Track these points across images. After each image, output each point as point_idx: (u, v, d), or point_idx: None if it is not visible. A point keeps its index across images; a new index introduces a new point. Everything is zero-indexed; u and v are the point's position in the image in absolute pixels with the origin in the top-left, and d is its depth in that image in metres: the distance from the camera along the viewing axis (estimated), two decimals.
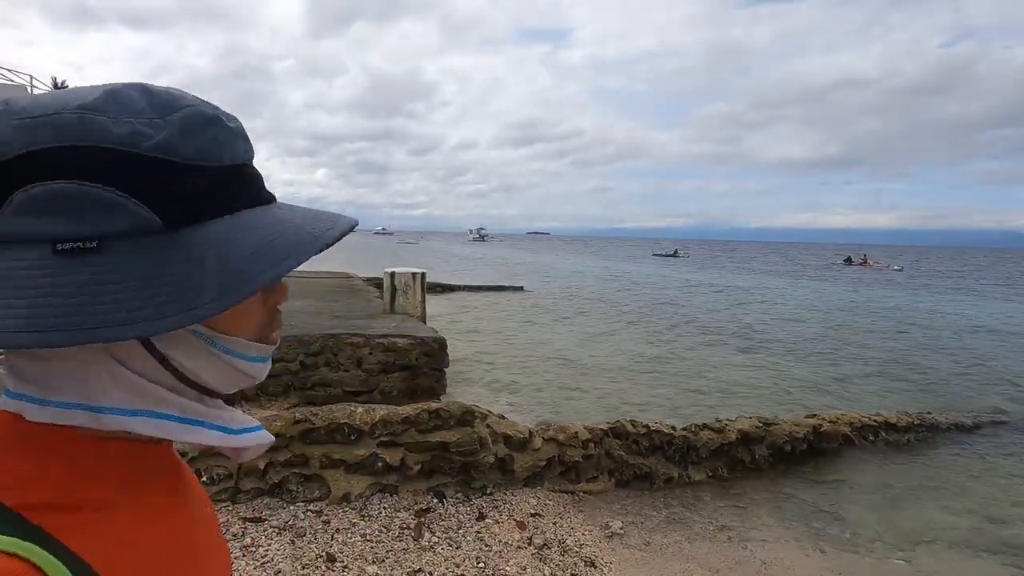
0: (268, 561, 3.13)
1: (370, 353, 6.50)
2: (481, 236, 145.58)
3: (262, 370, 0.47)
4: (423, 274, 8.58)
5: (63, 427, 0.41)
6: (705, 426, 5.48)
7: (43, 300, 0.35)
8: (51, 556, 0.36)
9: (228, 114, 0.44)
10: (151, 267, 0.37)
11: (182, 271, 0.38)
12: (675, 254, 71.45)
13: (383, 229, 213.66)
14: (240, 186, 0.42)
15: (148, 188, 0.38)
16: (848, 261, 58.16)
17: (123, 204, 0.37)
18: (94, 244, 0.37)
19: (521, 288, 24.25)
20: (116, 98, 0.39)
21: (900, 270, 52.51)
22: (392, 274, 8.40)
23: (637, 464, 4.94)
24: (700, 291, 27.01)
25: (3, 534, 0.36)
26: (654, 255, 74.00)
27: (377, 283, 13.80)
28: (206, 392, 0.44)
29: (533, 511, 4.14)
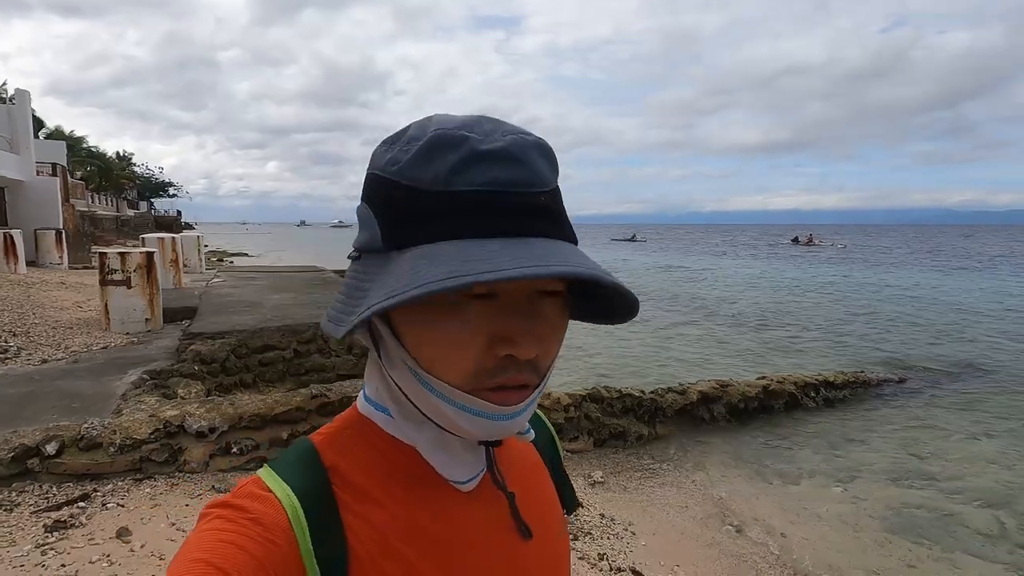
0: None
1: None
2: None
3: (477, 425, 0.43)
4: None
5: (369, 419, 0.50)
6: (670, 389, 6.15)
7: (338, 299, 0.45)
8: (306, 523, 0.43)
9: (496, 133, 0.42)
10: (361, 278, 0.43)
11: (365, 292, 0.42)
12: (633, 238, 73.02)
13: (340, 222, 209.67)
14: (457, 215, 0.40)
15: (385, 208, 0.43)
16: (795, 241, 60.90)
17: (371, 221, 0.43)
18: (357, 255, 0.45)
19: None
20: (409, 127, 0.44)
21: (844, 247, 55.37)
22: None
23: (612, 424, 5.56)
24: (655, 272, 28.10)
25: (289, 479, 0.44)
26: (612, 240, 75.50)
27: (345, 274, 14.05)
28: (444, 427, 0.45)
29: None
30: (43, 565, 2.80)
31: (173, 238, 10.91)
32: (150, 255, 7.46)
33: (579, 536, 3.73)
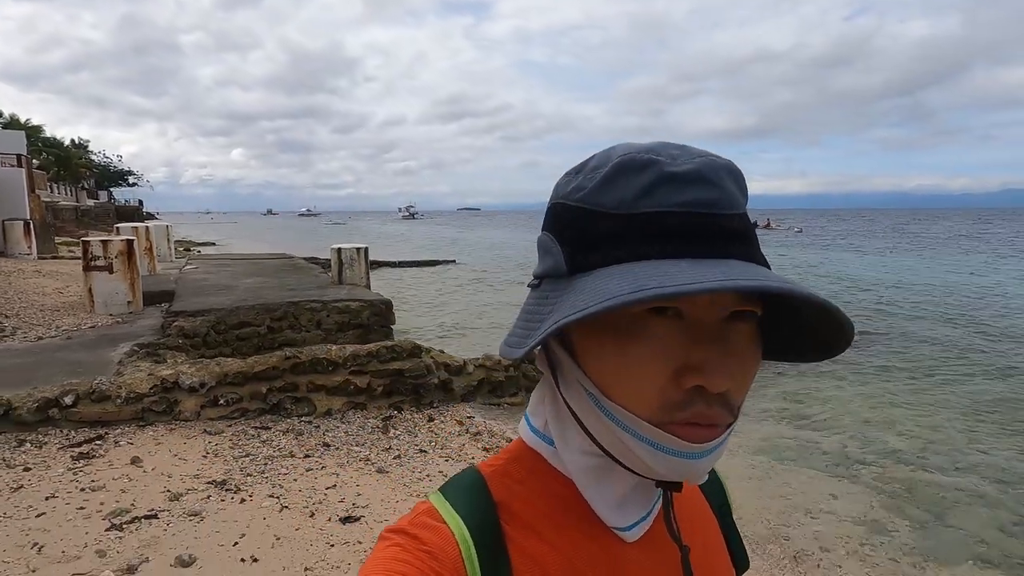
0: (281, 448, 4.41)
1: (327, 316, 7.69)
2: (411, 214, 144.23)
3: (661, 462, 0.39)
4: (366, 248, 9.76)
5: (537, 452, 0.48)
6: None
7: (517, 324, 0.44)
8: (477, 559, 0.42)
9: (683, 156, 0.40)
10: (541, 303, 0.42)
11: (547, 315, 0.40)
12: None
13: (308, 210, 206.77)
14: (644, 237, 0.38)
15: (567, 234, 0.42)
16: (754, 225, 63.16)
17: (553, 248, 0.43)
18: (538, 282, 0.45)
19: (453, 262, 25.53)
20: (592, 158, 0.44)
21: (800, 231, 57.68)
22: (339, 249, 9.53)
23: None
24: None
25: (460, 511, 0.44)
26: None
27: (315, 262, 14.73)
28: (624, 466, 0.42)
29: (469, 415, 5.61)
30: (76, 481, 3.60)
31: (147, 227, 11.43)
32: (130, 242, 8.09)
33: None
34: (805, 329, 0.42)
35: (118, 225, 11.44)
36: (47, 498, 3.38)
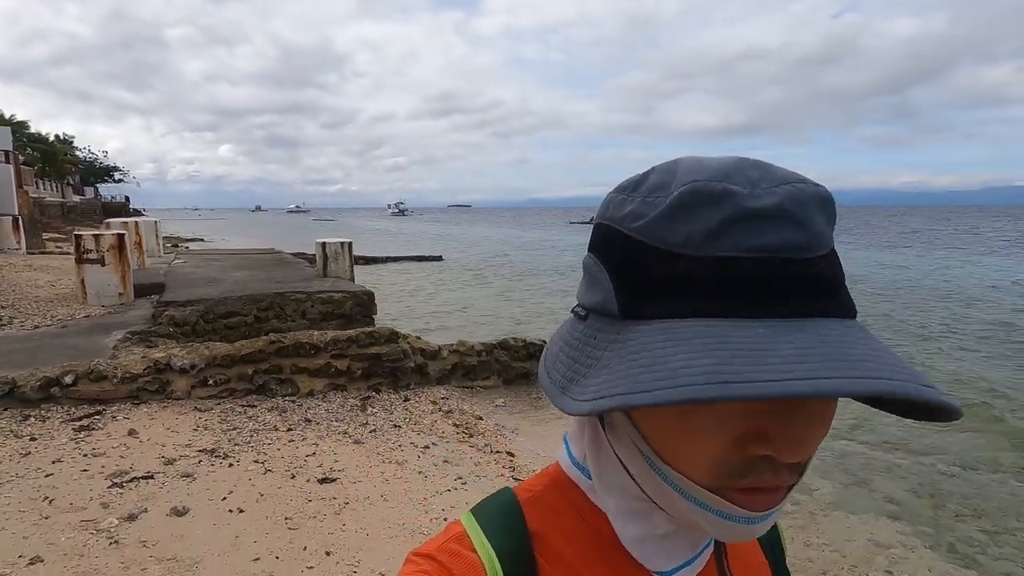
0: (265, 423, 4.81)
1: (312, 306, 8.08)
2: (401, 211, 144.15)
3: (715, 525, 0.36)
4: (350, 243, 10.14)
5: (575, 483, 0.45)
6: None
7: (558, 357, 0.40)
8: (502, 573, 0.40)
9: (763, 183, 0.34)
10: (591, 344, 0.37)
11: (596, 360, 0.36)
12: (590, 222, 75.00)
13: (297, 207, 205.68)
14: (716, 287, 0.33)
15: (622, 269, 0.36)
16: None
17: (603, 281, 0.38)
18: (584, 313, 0.40)
19: (440, 258, 25.91)
20: (651, 174, 0.38)
21: None
22: (324, 244, 9.90)
23: (518, 367, 6.94)
24: None
25: (492, 538, 0.42)
26: (570, 223, 77.51)
27: (302, 257, 15.07)
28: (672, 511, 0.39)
29: (443, 396, 6.03)
30: (78, 448, 3.99)
31: (136, 223, 11.72)
32: (121, 236, 8.42)
33: (474, 435, 5.08)
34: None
35: (108, 220, 11.72)
36: (53, 462, 3.77)
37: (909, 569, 3.56)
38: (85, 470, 3.69)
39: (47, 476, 3.58)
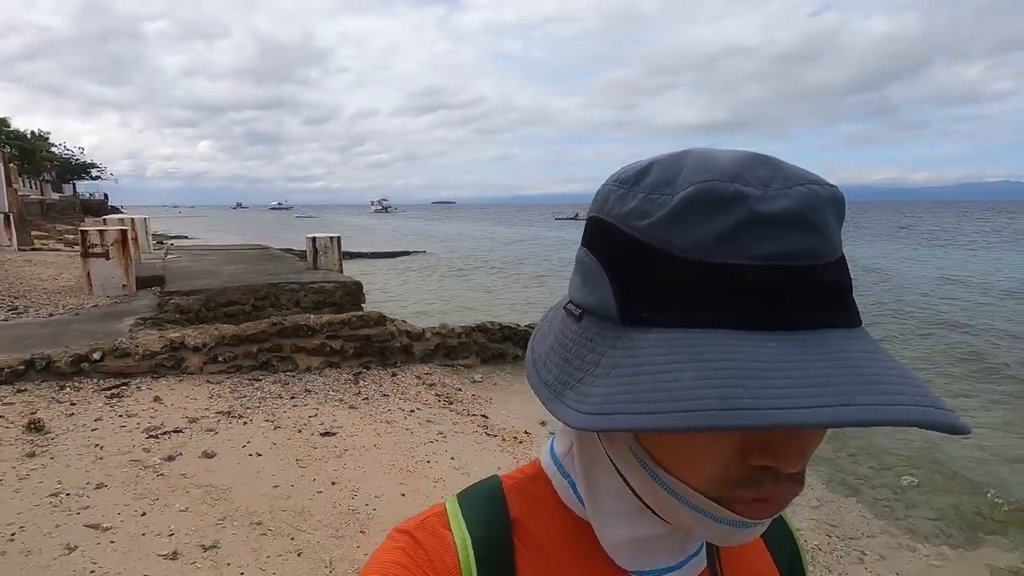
0: (271, 392, 5.52)
1: (304, 295, 8.75)
2: (384, 207, 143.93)
3: (711, 530, 0.35)
4: (339, 237, 10.82)
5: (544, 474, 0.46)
6: None
7: (549, 356, 0.38)
8: (474, 560, 0.41)
9: (775, 183, 0.32)
10: (586, 347, 0.35)
11: (594, 365, 0.34)
12: (575, 217, 75.94)
13: (279, 204, 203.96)
14: (724, 296, 0.31)
15: (621, 271, 0.34)
16: None
17: (600, 282, 0.36)
18: (578, 312, 0.37)
19: (423, 252, 26.56)
20: (652, 166, 0.36)
21: None
22: (314, 238, 10.57)
23: (495, 347, 7.71)
24: None
25: (471, 521, 0.43)
26: (556, 219, 78.34)
27: (289, 253, 15.67)
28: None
29: (427, 372, 6.78)
30: (113, 411, 4.67)
31: (132, 219, 12.25)
32: (124, 232, 9.01)
33: (454, 402, 5.83)
34: None
35: (105, 217, 12.24)
36: (95, 420, 4.45)
37: (802, 501, 4.37)
38: (123, 426, 4.38)
39: (93, 430, 4.26)
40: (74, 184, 70.07)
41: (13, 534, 2.92)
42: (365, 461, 4.17)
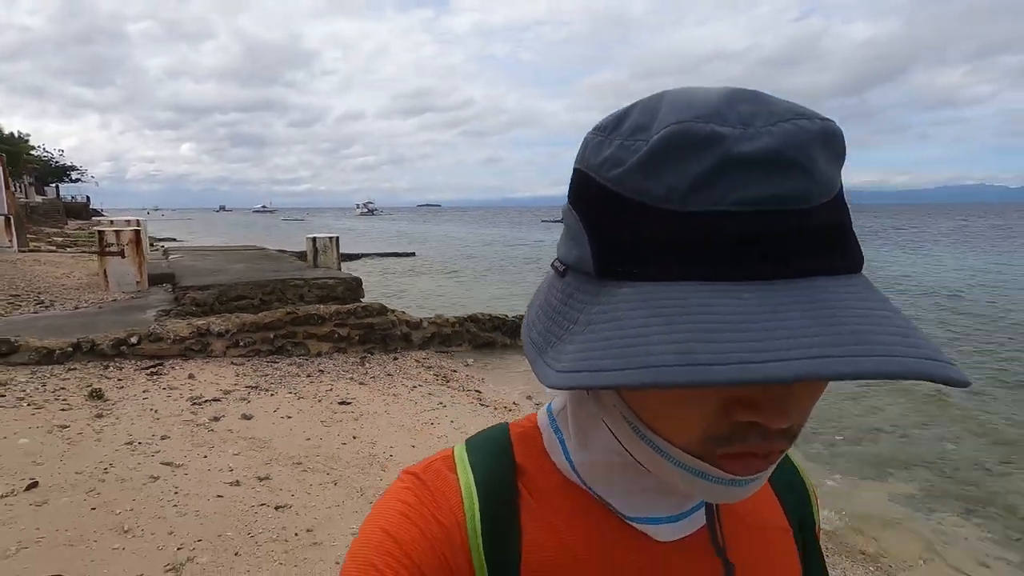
0: (288, 372, 6.24)
1: (308, 290, 9.45)
2: (370, 210, 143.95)
3: (699, 488, 0.34)
4: (337, 237, 11.55)
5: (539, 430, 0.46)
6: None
7: (538, 316, 0.37)
8: (479, 515, 0.41)
9: (758, 121, 0.29)
10: (568, 303, 0.34)
11: (572, 323, 0.33)
12: (562, 220, 76.77)
13: (264, 207, 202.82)
14: (699, 246, 0.29)
15: (598, 224, 0.33)
16: None
17: (579, 235, 0.35)
18: (562, 269, 0.37)
19: (413, 254, 27.25)
20: (632, 110, 0.33)
21: None
22: (314, 238, 11.27)
23: (485, 336, 8.49)
24: None
25: (475, 465, 0.44)
26: (543, 221, 79.29)
27: (283, 253, 16.33)
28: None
29: (425, 357, 7.54)
30: (156, 385, 5.38)
31: (137, 221, 12.84)
32: (138, 232, 9.66)
33: (450, 380, 6.60)
34: None
35: (112, 219, 12.82)
36: (143, 391, 5.16)
37: None
38: (169, 396, 5.10)
39: (144, 399, 4.97)
40: (57, 187, 69.56)
41: (106, 469, 3.64)
42: (378, 423, 4.93)
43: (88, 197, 70.90)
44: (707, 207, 0.29)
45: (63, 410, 4.56)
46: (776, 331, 0.26)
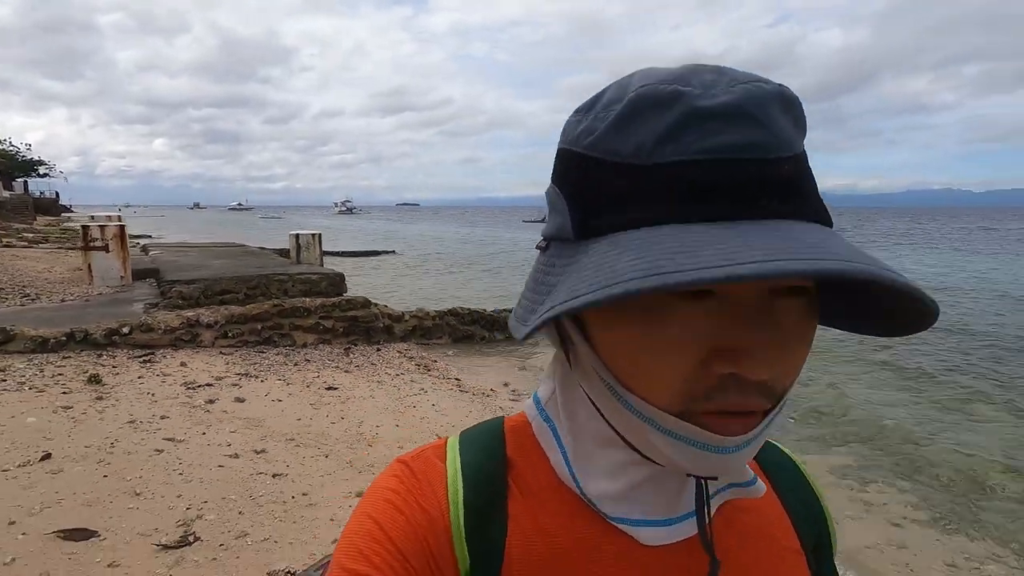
0: (276, 361, 6.53)
1: (292, 285, 9.70)
2: (348, 209, 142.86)
3: (685, 455, 0.34)
4: (319, 234, 11.79)
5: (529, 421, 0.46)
6: (505, 309, 9.55)
7: (524, 294, 0.40)
8: (462, 490, 0.42)
9: (719, 85, 0.32)
10: (547, 271, 0.37)
11: (553, 286, 0.35)
12: (544, 220, 77.36)
13: (239, 204, 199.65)
14: (666, 194, 0.31)
15: (576, 189, 0.36)
16: None
17: (559, 205, 0.37)
18: (545, 244, 0.39)
19: (393, 252, 27.46)
20: (608, 89, 0.36)
21: None
22: (297, 235, 11.51)
23: (465, 329, 8.86)
24: None
25: (465, 455, 0.44)
26: (523, 221, 79.77)
27: (263, 250, 16.47)
28: (644, 455, 0.38)
29: (406, 349, 7.88)
30: (150, 371, 5.64)
31: (119, 216, 12.90)
32: (122, 227, 9.80)
33: (431, 369, 6.95)
34: (871, 297, 0.35)
35: (92, 215, 12.84)
36: (138, 377, 5.42)
37: None
38: (164, 381, 5.37)
39: (140, 383, 5.24)
40: (25, 182, 67.81)
41: (112, 444, 3.93)
42: (364, 406, 5.28)
43: (57, 193, 69.19)
44: (672, 158, 0.31)
45: (64, 393, 4.81)
46: (740, 248, 0.27)
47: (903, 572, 3.42)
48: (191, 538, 2.92)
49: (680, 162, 0.31)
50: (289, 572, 2.70)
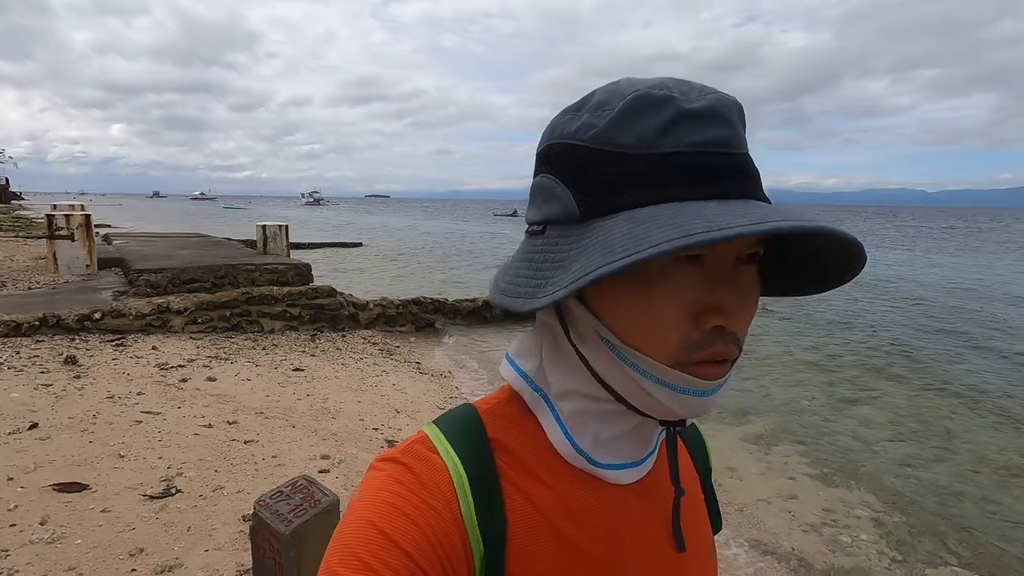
0: (245, 346, 6.90)
1: (260, 275, 10.00)
2: (316, 200, 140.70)
3: (676, 400, 0.41)
4: (287, 226, 12.05)
5: (521, 398, 0.49)
6: (465, 299, 10.04)
7: (518, 273, 0.44)
8: (470, 491, 0.43)
9: (694, 92, 0.40)
10: (553, 250, 0.42)
11: (561, 262, 0.40)
12: (514, 214, 77.57)
13: (202, 194, 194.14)
14: (667, 177, 0.39)
15: (579, 176, 0.41)
16: None
17: (559, 191, 0.42)
18: (541, 228, 0.44)
19: (360, 244, 27.59)
20: (595, 93, 0.43)
21: None
22: (264, 226, 11.75)
23: (427, 317, 9.32)
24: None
25: (454, 443, 0.45)
26: (495, 215, 79.93)
27: (228, 241, 16.56)
28: (632, 408, 0.44)
29: (370, 335, 8.31)
30: (123, 354, 5.96)
31: (83, 206, 12.88)
32: (88, 216, 9.92)
33: (393, 354, 7.41)
34: (805, 261, 0.45)
35: (54, 203, 12.80)
36: (112, 359, 5.74)
37: None
38: (137, 362, 5.71)
39: (115, 365, 5.57)
40: None
41: (94, 416, 4.30)
42: (329, 385, 5.72)
43: (7, 179, 66.45)
44: (670, 148, 0.39)
45: (43, 372, 5.12)
46: (744, 214, 0.36)
47: (785, 518, 4.07)
48: (173, 490, 3.36)
49: (676, 152, 0.38)
50: None
